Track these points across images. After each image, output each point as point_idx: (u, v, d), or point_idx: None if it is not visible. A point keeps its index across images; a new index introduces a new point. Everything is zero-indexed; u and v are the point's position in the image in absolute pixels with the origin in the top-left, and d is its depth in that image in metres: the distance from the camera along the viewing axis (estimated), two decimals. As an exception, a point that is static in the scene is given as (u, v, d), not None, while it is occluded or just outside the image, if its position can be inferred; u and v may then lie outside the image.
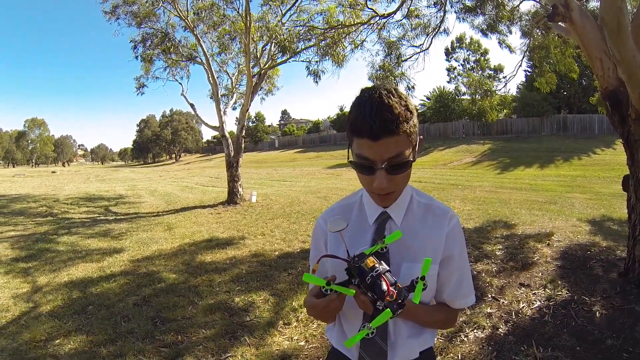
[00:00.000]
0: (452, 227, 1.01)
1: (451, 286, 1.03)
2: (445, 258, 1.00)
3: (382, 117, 0.81)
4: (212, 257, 5.36)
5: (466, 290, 1.04)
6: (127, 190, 15.67)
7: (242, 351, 2.82)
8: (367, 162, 0.87)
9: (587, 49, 3.37)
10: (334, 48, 9.18)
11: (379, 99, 0.83)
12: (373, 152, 0.84)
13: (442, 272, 1.00)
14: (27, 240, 6.67)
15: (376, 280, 0.78)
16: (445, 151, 24.11)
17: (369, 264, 0.81)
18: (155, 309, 3.62)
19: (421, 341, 1.03)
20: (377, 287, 0.78)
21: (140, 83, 12.16)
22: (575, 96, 26.04)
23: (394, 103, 0.83)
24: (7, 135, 70.63)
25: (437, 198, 5.60)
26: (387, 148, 0.83)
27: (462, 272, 1.03)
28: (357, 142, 0.87)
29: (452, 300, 1.04)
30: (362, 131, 0.84)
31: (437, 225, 1.01)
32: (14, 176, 25.27)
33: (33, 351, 2.92)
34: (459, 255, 1.01)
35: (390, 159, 0.85)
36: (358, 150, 0.87)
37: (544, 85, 8.22)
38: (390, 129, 0.81)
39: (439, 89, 32.70)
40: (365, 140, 0.84)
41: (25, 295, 4.10)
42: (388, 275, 0.80)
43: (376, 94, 0.84)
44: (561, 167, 15.82)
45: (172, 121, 63.20)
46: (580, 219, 6.53)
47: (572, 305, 3.29)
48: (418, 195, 1.06)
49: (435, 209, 1.03)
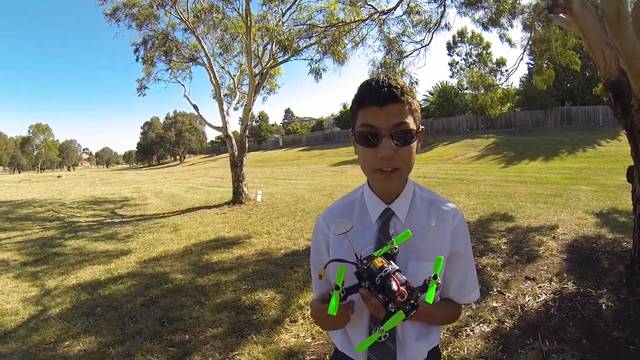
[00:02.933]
0: (457, 222, 1.00)
1: (457, 282, 1.02)
2: (451, 254, 0.99)
3: (388, 85, 0.88)
4: (219, 257, 5.39)
5: (471, 285, 1.05)
6: (132, 193, 15.77)
7: (250, 349, 2.85)
8: (372, 130, 0.89)
9: (588, 40, 3.35)
10: (334, 46, 9.19)
11: (384, 75, 0.92)
12: (379, 119, 0.88)
13: (448, 269, 1.00)
14: (34, 244, 6.74)
15: (386, 281, 0.76)
16: (449, 146, 24.03)
17: (378, 264, 0.79)
18: (162, 309, 3.65)
19: (430, 341, 1.02)
20: (387, 287, 0.75)
21: (141, 84, 12.26)
22: (579, 88, 25.83)
23: (397, 78, 0.92)
24: (12, 141, 70.95)
25: (442, 193, 5.55)
26: (392, 114, 0.88)
27: (467, 268, 1.03)
28: (362, 113, 0.91)
29: (457, 296, 1.04)
30: (369, 100, 0.89)
31: (442, 221, 1.00)
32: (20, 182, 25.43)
33: (43, 353, 2.96)
34: (464, 251, 1.01)
35: (395, 126, 0.88)
36: (363, 120, 0.90)
37: (541, 83, 8.18)
38: (396, 96, 0.87)
39: (442, 83, 32.60)
40: (372, 107, 0.88)
41: (34, 299, 4.15)
42: (398, 275, 0.77)
43: (381, 74, 0.93)
44: (566, 159, 15.72)
45: (175, 123, 63.42)
46: (585, 211, 6.49)
47: (578, 298, 3.28)
48: (421, 191, 1.05)
49: (440, 205, 1.02)
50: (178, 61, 11.99)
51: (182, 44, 11.38)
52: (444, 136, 27.65)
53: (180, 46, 11.30)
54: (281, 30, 9.04)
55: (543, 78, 8.11)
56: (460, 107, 30.33)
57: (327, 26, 8.91)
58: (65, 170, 68.86)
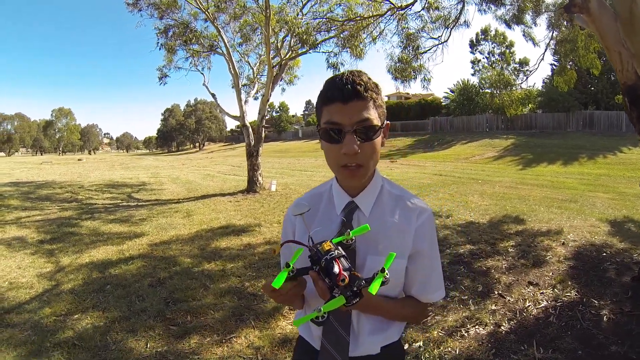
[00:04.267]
0: (421, 222, 1.00)
1: (420, 281, 1.02)
2: (414, 253, 1.00)
3: (352, 82, 0.90)
4: (227, 243, 5.50)
5: (435, 285, 1.05)
6: (149, 178, 16.04)
7: (247, 333, 2.95)
8: (336, 127, 0.90)
9: (605, 42, 3.27)
10: (352, 41, 9.15)
11: (348, 72, 0.93)
12: (342, 116, 0.90)
13: (410, 267, 1.00)
14: (52, 224, 6.97)
15: (329, 263, 0.77)
16: (467, 145, 23.68)
17: (325, 247, 0.81)
18: (168, 290, 3.78)
19: (385, 336, 1.02)
20: (330, 270, 0.77)
21: (162, 73, 12.44)
22: (603, 92, 25.03)
23: (362, 75, 0.93)
24: (35, 125, 72.96)
25: (456, 192, 5.60)
26: (356, 111, 0.89)
27: (431, 268, 1.03)
28: (327, 109, 0.92)
29: (420, 294, 1.04)
30: (333, 97, 0.90)
31: (406, 219, 1.00)
32: (41, 163, 26.09)
33: (53, 325, 3.12)
34: (428, 250, 1.01)
35: (358, 122, 0.89)
36: (328, 117, 0.92)
37: (562, 84, 7.97)
38: (359, 92, 0.89)
39: (463, 81, 32.05)
40: (336, 104, 0.90)
41: (48, 274, 4.34)
42: (343, 260, 0.79)
43: (345, 72, 0.94)
44: (585, 164, 15.33)
45: (196, 110, 64.01)
46: (600, 219, 6.36)
47: (580, 308, 3.24)
48: (390, 187, 1.06)
49: (407, 202, 1.03)
50: (198, 50, 12.11)
51: (201, 33, 11.49)
52: (462, 135, 27.23)
53: (200, 35, 11.41)
54: (299, 23, 9.05)
55: (564, 79, 7.91)
56: (480, 105, 29.80)
57: (346, 20, 8.88)
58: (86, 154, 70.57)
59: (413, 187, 10.40)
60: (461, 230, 5.84)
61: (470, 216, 6.78)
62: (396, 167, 16.63)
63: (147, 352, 2.72)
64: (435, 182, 11.38)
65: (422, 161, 19.45)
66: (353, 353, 0.99)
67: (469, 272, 4.14)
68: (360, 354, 1.00)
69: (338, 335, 0.98)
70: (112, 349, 2.76)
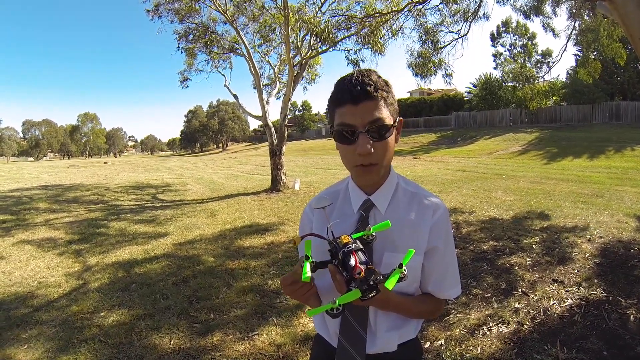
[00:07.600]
0: (437, 218, 1.01)
1: (436, 277, 1.03)
2: (429, 250, 1.00)
3: (361, 82, 0.90)
4: (251, 242, 5.58)
5: (451, 281, 1.05)
6: (174, 179, 16.33)
7: (269, 330, 2.99)
8: (349, 128, 0.92)
9: (629, 30, 3.15)
10: (372, 37, 9.10)
11: (357, 73, 0.94)
12: (354, 117, 0.91)
13: (426, 264, 1.01)
14: (79, 225, 7.21)
15: (346, 256, 0.79)
16: (491, 140, 23.19)
17: (344, 240, 0.82)
18: (192, 289, 3.88)
19: (402, 333, 1.03)
20: (347, 263, 0.78)
21: (184, 76, 12.62)
22: (630, 82, 24.06)
23: (371, 75, 0.93)
24: (61, 130, 75.76)
25: (480, 188, 5.55)
26: (367, 111, 0.90)
27: (447, 264, 1.04)
28: (339, 112, 0.94)
29: (436, 291, 1.05)
30: (343, 99, 0.92)
31: (422, 215, 1.01)
32: (68, 167, 26.81)
33: (80, 322, 3.26)
34: (444, 247, 1.02)
35: (370, 122, 0.90)
36: (340, 119, 0.93)
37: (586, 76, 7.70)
38: (370, 93, 0.90)
39: (486, 75, 31.43)
40: (347, 106, 0.91)
41: (76, 274, 4.52)
42: (360, 254, 0.80)
43: (354, 72, 0.95)
44: (612, 158, 14.77)
45: (218, 111, 64.60)
46: (627, 214, 6.14)
47: (606, 307, 3.14)
48: (405, 184, 1.07)
49: (422, 199, 1.03)
50: (218, 52, 12.25)
51: (221, 35, 11.62)
52: (486, 129, 26.69)
53: (219, 38, 11.54)
54: (318, 22, 9.05)
55: (589, 70, 7.64)
56: (503, 100, 29.14)
57: (365, 17, 8.84)
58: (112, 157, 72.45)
59: (436, 183, 10.27)
60: (484, 226, 5.75)
61: (493, 212, 6.66)
62: (419, 164, 16.43)
63: (170, 349, 2.80)
64: (459, 178, 11.21)
65: (446, 157, 19.16)
66: (370, 350, 1.00)
67: (492, 269, 4.07)
68: (377, 351, 1.01)
69: (355, 332, 0.99)
70: (136, 345, 2.85)
